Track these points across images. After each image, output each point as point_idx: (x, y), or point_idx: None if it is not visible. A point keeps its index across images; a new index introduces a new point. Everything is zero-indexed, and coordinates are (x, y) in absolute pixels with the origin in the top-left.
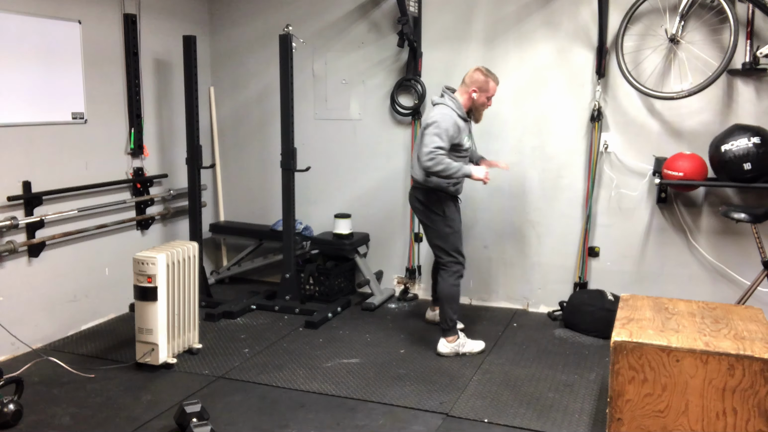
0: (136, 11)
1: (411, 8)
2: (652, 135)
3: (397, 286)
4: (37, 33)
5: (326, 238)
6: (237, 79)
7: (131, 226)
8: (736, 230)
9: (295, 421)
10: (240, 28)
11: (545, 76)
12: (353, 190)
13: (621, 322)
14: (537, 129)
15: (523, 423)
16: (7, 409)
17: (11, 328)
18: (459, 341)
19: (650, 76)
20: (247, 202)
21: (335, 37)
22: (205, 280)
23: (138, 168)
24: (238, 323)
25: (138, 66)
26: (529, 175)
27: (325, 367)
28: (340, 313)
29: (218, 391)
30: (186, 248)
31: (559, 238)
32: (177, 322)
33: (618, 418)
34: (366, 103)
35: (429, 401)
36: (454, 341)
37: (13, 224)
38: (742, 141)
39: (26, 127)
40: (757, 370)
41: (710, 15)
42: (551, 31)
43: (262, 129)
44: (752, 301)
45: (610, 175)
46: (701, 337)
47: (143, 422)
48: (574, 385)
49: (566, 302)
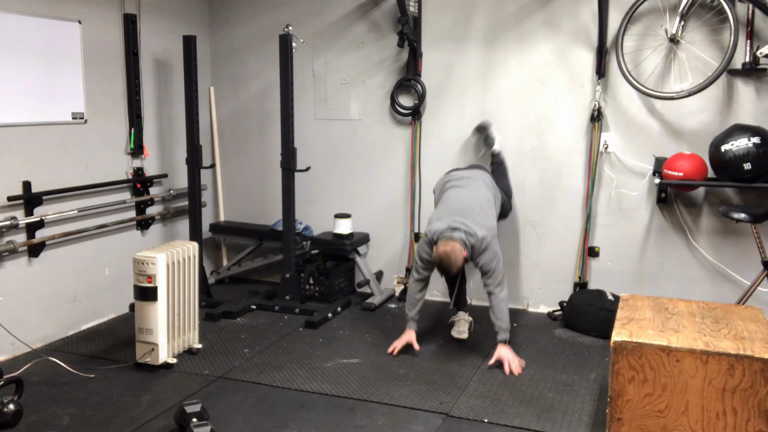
0: (136, 11)
1: (411, 8)
2: (652, 135)
3: (397, 286)
4: (37, 33)
5: (326, 238)
6: (237, 79)
7: (131, 226)
8: (736, 230)
9: (295, 421)
10: (240, 28)
11: (545, 76)
12: (353, 190)
13: (621, 322)
14: (537, 129)
15: (523, 423)
16: (7, 409)
17: (11, 328)
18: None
19: (650, 76)
20: (247, 202)
21: (335, 37)
22: (205, 280)
23: (138, 168)
24: (238, 323)
25: (138, 66)
26: (529, 175)
27: (325, 367)
28: (340, 313)
29: (218, 391)
30: (186, 248)
31: (559, 238)
32: (177, 322)
33: (618, 418)
34: (366, 103)
35: (429, 401)
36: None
37: (13, 224)
38: (742, 141)
39: (26, 127)
40: (757, 370)
41: (710, 15)
42: (551, 31)
43: (262, 129)
44: (752, 301)
45: (610, 175)
46: (701, 337)
47: (143, 422)
48: (574, 385)
49: (566, 302)
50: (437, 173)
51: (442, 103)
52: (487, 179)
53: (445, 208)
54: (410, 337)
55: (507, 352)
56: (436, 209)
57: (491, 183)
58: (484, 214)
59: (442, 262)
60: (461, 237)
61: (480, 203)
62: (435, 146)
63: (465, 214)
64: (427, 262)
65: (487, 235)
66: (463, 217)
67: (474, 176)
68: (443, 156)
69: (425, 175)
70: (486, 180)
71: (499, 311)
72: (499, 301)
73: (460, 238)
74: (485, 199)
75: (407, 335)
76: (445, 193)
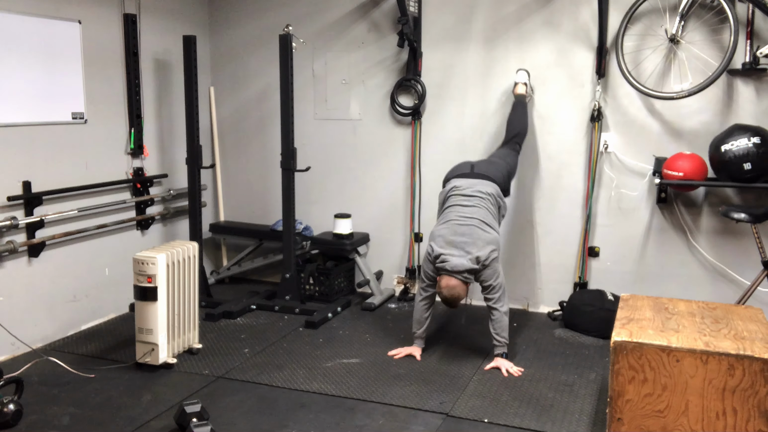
0: (136, 11)
1: (411, 8)
2: (652, 135)
3: (397, 286)
4: (37, 33)
5: (326, 238)
6: (237, 79)
7: (131, 226)
8: (736, 230)
9: (295, 421)
10: (240, 28)
11: (545, 76)
12: (353, 190)
13: (621, 322)
14: (537, 129)
15: (523, 423)
16: (7, 409)
17: (11, 328)
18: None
19: (650, 76)
20: (247, 202)
21: (335, 37)
22: (205, 280)
23: (138, 168)
24: (238, 323)
25: (138, 66)
26: (529, 175)
27: (325, 367)
28: (340, 313)
29: (218, 391)
30: (186, 248)
31: (559, 238)
32: (177, 322)
33: (618, 418)
34: (366, 103)
35: (429, 401)
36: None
37: (13, 224)
38: (742, 141)
39: (26, 127)
40: (757, 370)
41: (710, 15)
42: (551, 31)
43: (262, 129)
44: (752, 301)
45: (610, 175)
46: (701, 337)
47: (143, 422)
48: (574, 385)
49: (566, 302)
50: (437, 173)
51: (442, 103)
52: (492, 190)
53: (447, 229)
54: (415, 352)
55: (505, 362)
56: (439, 223)
57: (496, 191)
58: (485, 231)
59: (447, 300)
60: (462, 267)
61: (483, 218)
62: (435, 146)
63: (468, 235)
64: (431, 278)
65: (489, 254)
66: (466, 237)
67: (478, 190)
68: (443, 156)
69: (425, 175)
70: (491, 192)
71: (499, 326)
72: (501, 315)
73: (461, 274)
74: (488, 213)
75: (413, 349)
76: (448, 209)
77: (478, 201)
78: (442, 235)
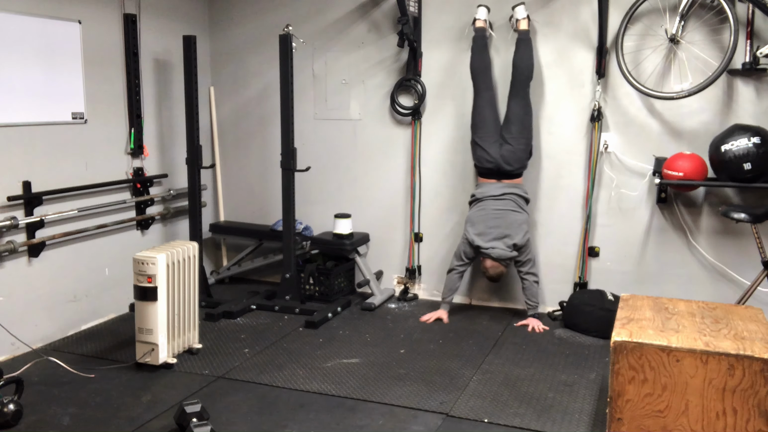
0: (136, 11)
1: (411, 8)
2: (652, 135)
3: (397, 286)
4: (37, 33)
5: (326, 238)
6: (237, 79)
7: (131, 226)
8: (736, 230)
9: (295, 421)
10: (240, 28)
11: (545, 76)
12: (353, 190)
13: (621, 322)
14: (537, 129)
15: (523, 423)
16: (7, 409)
17: (11, 328)
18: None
19: (650, 76)
20: (247, 202)
21: (335, 37)
22: (205, 280)
23: (138, 168)
24: (238, 323)
25: (138, 66)
26: (529, 175)
27: (325, 367)
28: (340, 313)
29: (218, 391)
30: (186, 248)
31: (559, 238)
32: (177, 322)
33: (618, 418)
34: (366, 103)
35: (429, 401)
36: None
37: (13, 224)
38: (742, 141)
39: (26, 127)
40: (757, 370)
41: (710, 15)
42: (551, 31)
43: (262, 129)
44: (752, 301)
45: (610, 175)
46: (701, 337)
47: (143, 422)
48: (574, 385)
49: (566, 302)
50: (437, 173)
51: (442, 103)
52: (518, 200)
53: (482, 215)
54: (443, 315)
55: (534, 321)
56: (475, 220)
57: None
58: (517, 212)
59: (492, 278)
60: (505, 256)
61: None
62: (435, 146)
63: (501, 218)
64: (469, 257)
65: (524, 237)
66: (501, 223)
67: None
68: (443, 156)
69: (425, 175)
70: (518, 202)
71: (529, 293)
72: (531, 284)
73: (503, 261)
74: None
75: (441, 313)
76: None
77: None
78: (477, 222)
